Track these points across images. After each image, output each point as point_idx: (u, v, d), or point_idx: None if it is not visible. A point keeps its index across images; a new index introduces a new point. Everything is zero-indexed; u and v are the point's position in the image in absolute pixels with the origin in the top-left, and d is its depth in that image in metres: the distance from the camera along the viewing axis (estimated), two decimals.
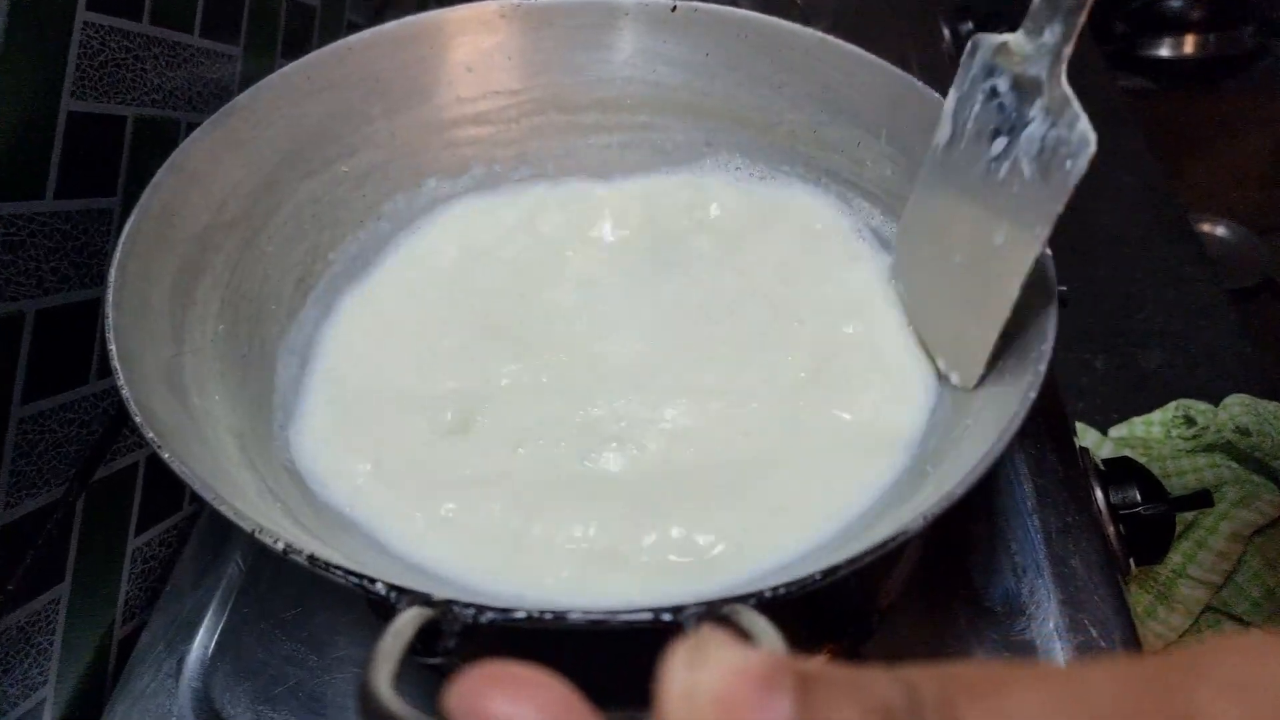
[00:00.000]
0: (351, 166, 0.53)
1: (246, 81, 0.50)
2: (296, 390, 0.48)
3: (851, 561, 0.31)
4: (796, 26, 0.54)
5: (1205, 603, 0.70)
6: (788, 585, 0.30)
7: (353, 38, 0.52)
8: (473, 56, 0.56)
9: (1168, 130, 1.39)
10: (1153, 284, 1.04)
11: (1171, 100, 1.52)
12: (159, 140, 0.53)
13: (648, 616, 0.29)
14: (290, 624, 0.50)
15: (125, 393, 0.36)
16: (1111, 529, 0.53)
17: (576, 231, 0.58)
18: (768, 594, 0.30)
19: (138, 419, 0.35)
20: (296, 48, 0.67)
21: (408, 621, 0.27)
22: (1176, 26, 1.54)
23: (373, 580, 0.31)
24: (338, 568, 0.31)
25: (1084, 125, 0.36)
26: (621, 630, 0.30)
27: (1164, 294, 1.02)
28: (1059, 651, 0.45)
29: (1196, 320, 0.99)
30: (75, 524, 0.48)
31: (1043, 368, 0.37)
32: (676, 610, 0.29)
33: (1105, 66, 1.33)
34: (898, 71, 0.51)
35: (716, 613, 0.29)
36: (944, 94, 0.48)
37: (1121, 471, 0.55)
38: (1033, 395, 0.36)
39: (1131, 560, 0.54)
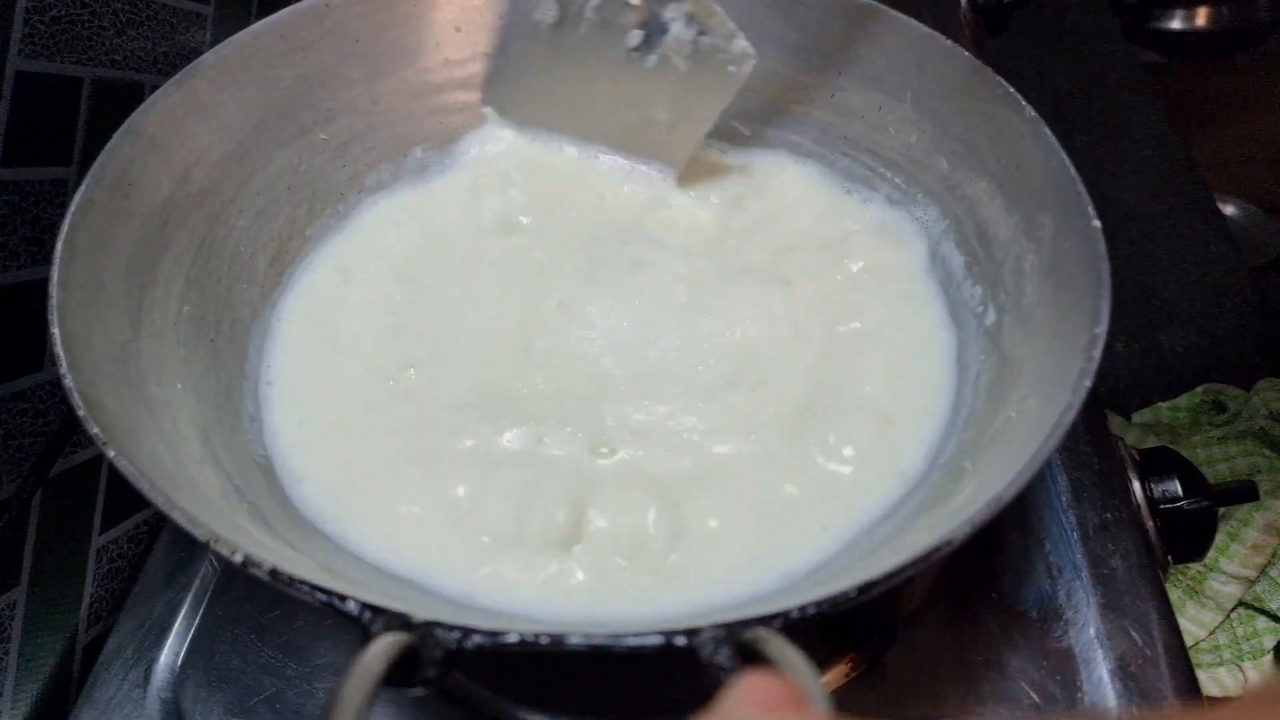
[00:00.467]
0: (330, 134, 0.49)
1: (218, 43, 0.46)
2: (269, 379, 0.44)
3: (890, 576, 0.27)
4: None
5: (1238, 598, 0.67)
6: (818, 603, 0.26)
7: None
8: (461, 15, 0.51)
9: (1178, 105, 1.35)
10: (1174, 262, 0.99)
11: (1182, 74, 1.48)
12: (120, 105, 0.49)
13: (658, 641, 0.26)
14: (268, 628, 0.46)
15: (68, 381, 0.32)
16: (1151, 524, 0.49)
17: (569, 206, 0.54)
18: (795, 614, 0.26)
19: (81, 411, 0.31)
20: (273, 7, 0.62)
21: (376, 657, 0.23)
22: None
23: (343, 598, 0.27)
24: (303, 583, 0.27)
25: (742, 42, 0.45)
26: (627, 655, 0.26)
27: (1187, 273, 0.98)
28: (1101, 661, 0.42)
29: (1220, 300, 0.95)
30: (31, 522, 0.44)
31: (1096, 353, 0.33)
32: (691, 634, 0.26)
33: (1125, 41, 1.28)
34: (925, 30, 0.47)
35: (737, 638, 0.25)
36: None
37: (1161, 463, 0.52)
38: (1087, 384, 0.32)
39: (1170, 558, 0.51)
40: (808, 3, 0.50)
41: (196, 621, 0.47)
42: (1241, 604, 0.68)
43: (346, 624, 0.28)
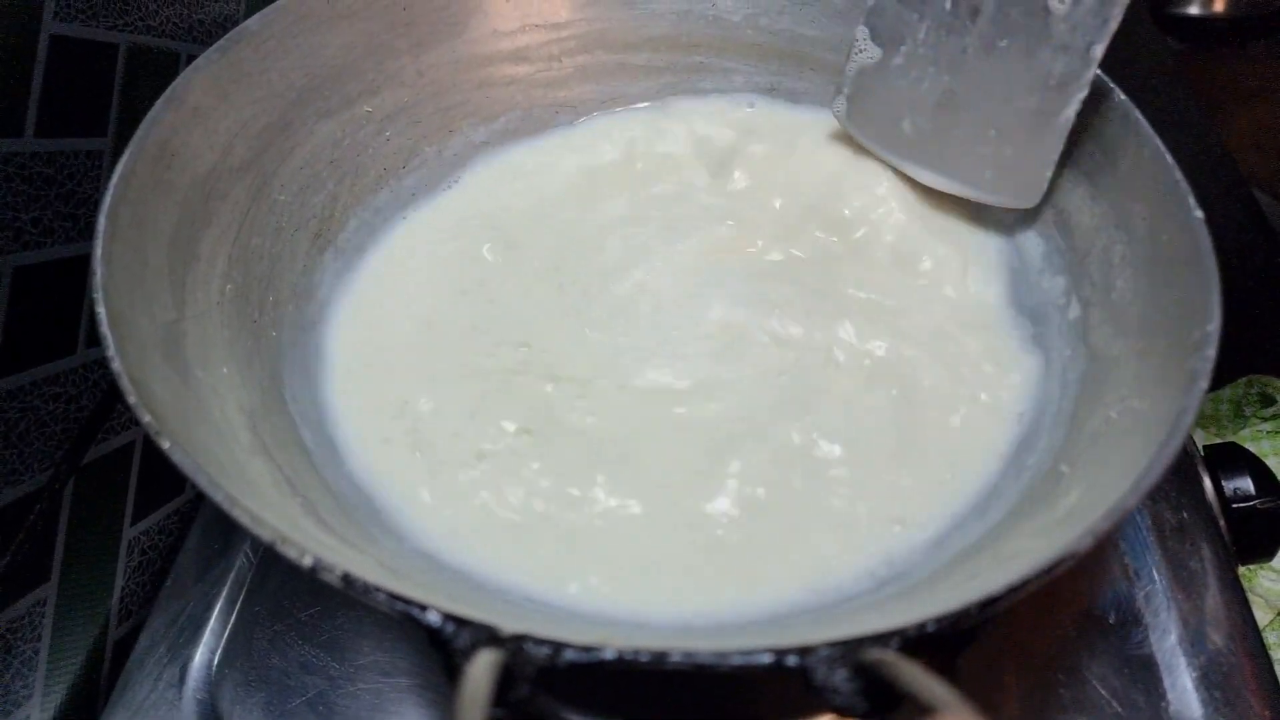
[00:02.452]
0: (375, 107, 0.47)
1: (255, 12, 0.44)
2: (318, 360, 0.42)
3: (1012, 590, 0.25)
4: None
5: None
6: (937, 620, 0.25)
7: None
8: None
9: (1195, 92, 1.32)
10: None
11: (1197, 61, 1.45)
12: (156, 75, 0.46)
13: (768, 660, 0.24)
14: (307, 625, 0.44)
15: (116, 365, 0.30)
16: (1223, 524, 0.48)
17: (622, 187, 0.52)
18: (912, 632, 0.24)
19: (132, 398, 0.29)
20: None
21: (479, 680, 0.21)
22: None
23: (423, 607, 0.25)
24: (379, 590, 0.25)
25: None
26: (731, 673, 0.24)
27: (1224, 261, 0.95)
28: (1184, 669, 0.40)
29: (1257, 288, 0.93)
30: (62, 514, 0.42)
31: (1211, 352, 0.31)
32: (803, 652, 0.24)
33: (1155, 28, 1.26)
34: None
35: (855, 659, 0.23)
36: None
37: (1231, 459, 0.50)
38: (1203, 385, 0.30)
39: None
40: None
41: (232, 618, 0.45)
42: None
43: (424, 634, 0.26)
